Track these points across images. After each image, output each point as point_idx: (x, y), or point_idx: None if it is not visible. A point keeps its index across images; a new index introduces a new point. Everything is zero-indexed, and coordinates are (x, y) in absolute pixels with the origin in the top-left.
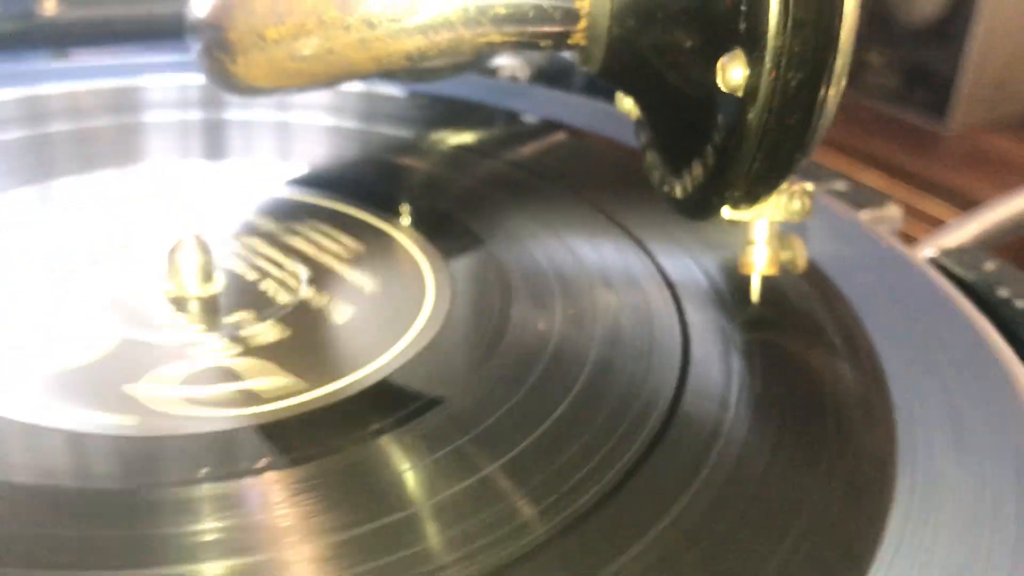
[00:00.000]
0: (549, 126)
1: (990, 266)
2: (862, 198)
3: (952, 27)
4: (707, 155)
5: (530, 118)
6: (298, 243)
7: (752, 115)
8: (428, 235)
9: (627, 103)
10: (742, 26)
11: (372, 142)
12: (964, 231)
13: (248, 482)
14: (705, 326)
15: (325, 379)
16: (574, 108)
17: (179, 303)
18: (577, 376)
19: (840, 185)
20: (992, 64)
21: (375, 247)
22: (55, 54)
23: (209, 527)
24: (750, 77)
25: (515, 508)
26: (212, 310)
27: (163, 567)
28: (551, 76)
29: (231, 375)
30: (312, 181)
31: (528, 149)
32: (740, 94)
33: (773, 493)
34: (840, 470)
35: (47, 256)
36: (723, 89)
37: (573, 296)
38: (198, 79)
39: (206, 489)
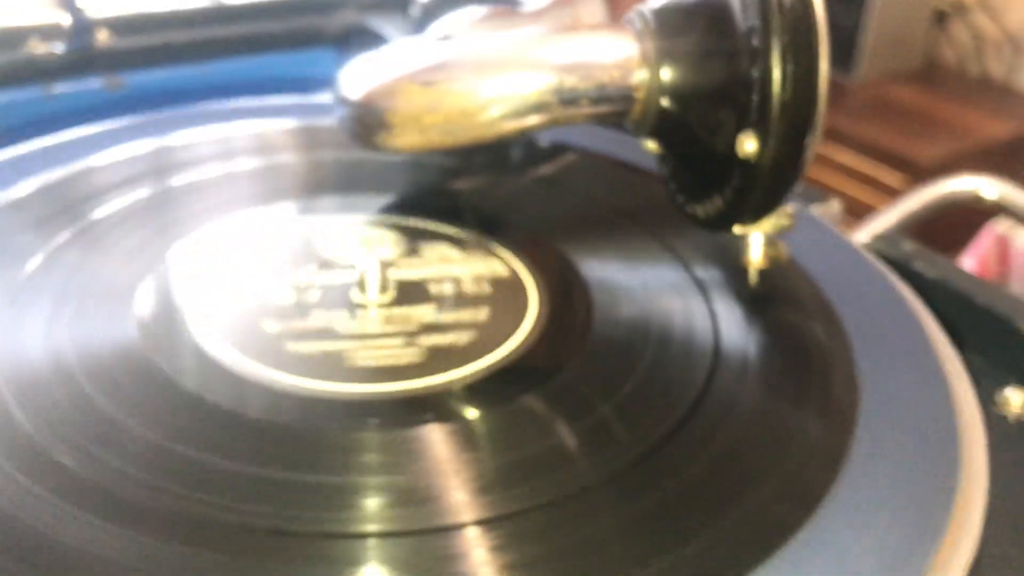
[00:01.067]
0: (562, 148)
1: (907, 247)
2: (809, 195)
3: None
4: (726, 193)
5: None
6: (429, 258)
7: (760, 173)
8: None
9: (651, 144)
10: (754, 116)
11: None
12: (886, 219)
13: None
14: (726, 307)
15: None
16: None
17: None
18: (644, 348)
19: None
20: (892, 19)
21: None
22: (107, 80)
23: None
24: (759, 148)
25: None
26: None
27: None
28: None
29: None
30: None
31: (548, 169)
32: (753, 160)
33: (774, 418)
34: (818, 395)
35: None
36: (740, 156)
37: (635, 294)
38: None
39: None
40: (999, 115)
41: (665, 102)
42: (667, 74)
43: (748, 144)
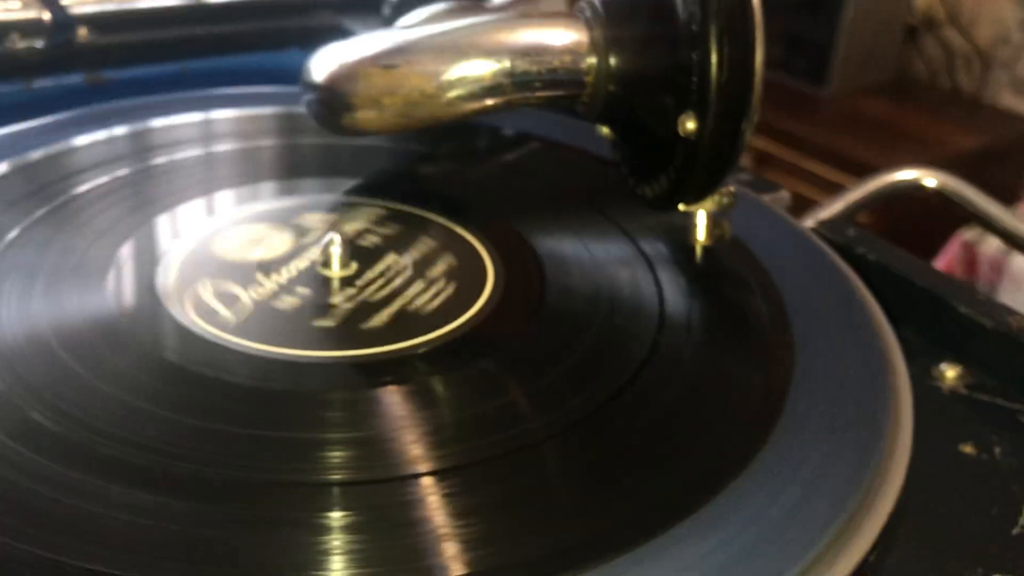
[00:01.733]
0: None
1: (851, 232)
2: (761, 186)
3: None
4: (670, 172)
5: (508, 132)
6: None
7: (700, 152)
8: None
9: (605, 130)
10: (693, 97)
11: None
12: (833, 207)
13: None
14: (671, 280)
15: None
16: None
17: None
18: (593, 318)
19: (744, 176)
20: (864, 33)
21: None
22: (88, 76)
23: None
24: (698, 127)
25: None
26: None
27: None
28: None
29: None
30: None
31: (511, 157)
32: (693, 138)
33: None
34: (756, 361)
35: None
36: (681, 135)
37: (586, 269)
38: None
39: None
40: (969, 128)
41: (613, 86)
42: (614, 60)
43: (688, 123)
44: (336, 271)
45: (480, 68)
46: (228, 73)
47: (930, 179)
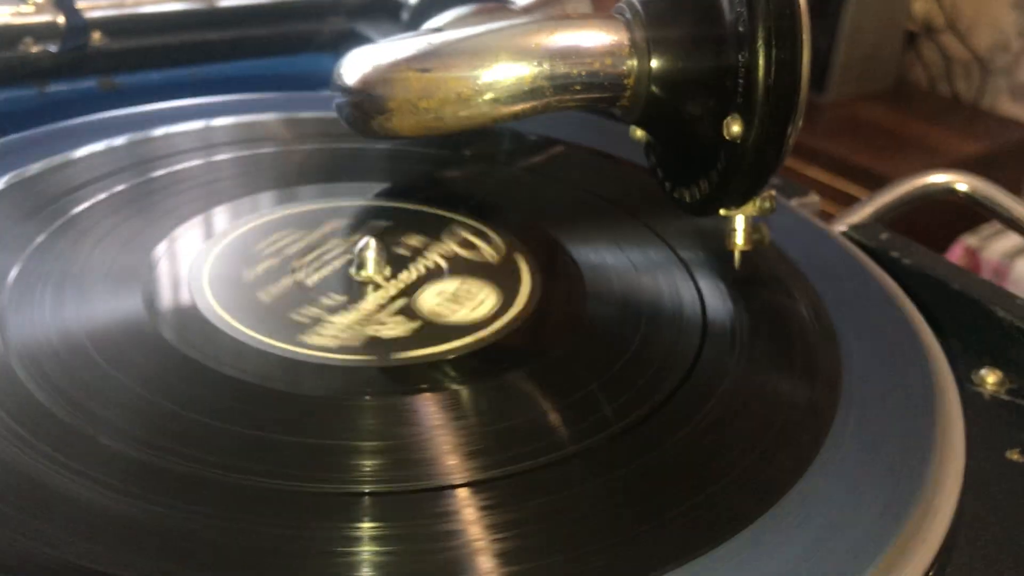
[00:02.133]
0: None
1: (884, 236)
2: (790, 190)
3: (827, 5)
4: (712, 177)
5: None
6: (424, 238)
7: (745, 155)
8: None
9: (639, 133)
10: (739, 100)
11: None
12: (863, 212)
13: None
14: (711, 287)
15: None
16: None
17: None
18: (634, 326)
19: (773, 180)
20: (864, 39)
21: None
22: (101, 81)
23: None
24: (744, 130)
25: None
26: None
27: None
28: None
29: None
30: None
31: (538, 160)
32: (738, 142)
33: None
34: (803, 372)
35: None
36: (726, 138)
37: (623, 274)
38: None
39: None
40: (967, 134)
41: (654, 88)
42: (656, 61)
43: (734, 126)
44: (371, 274)
45: (519, 71)
46: (241, 78)
47: (961, 183)
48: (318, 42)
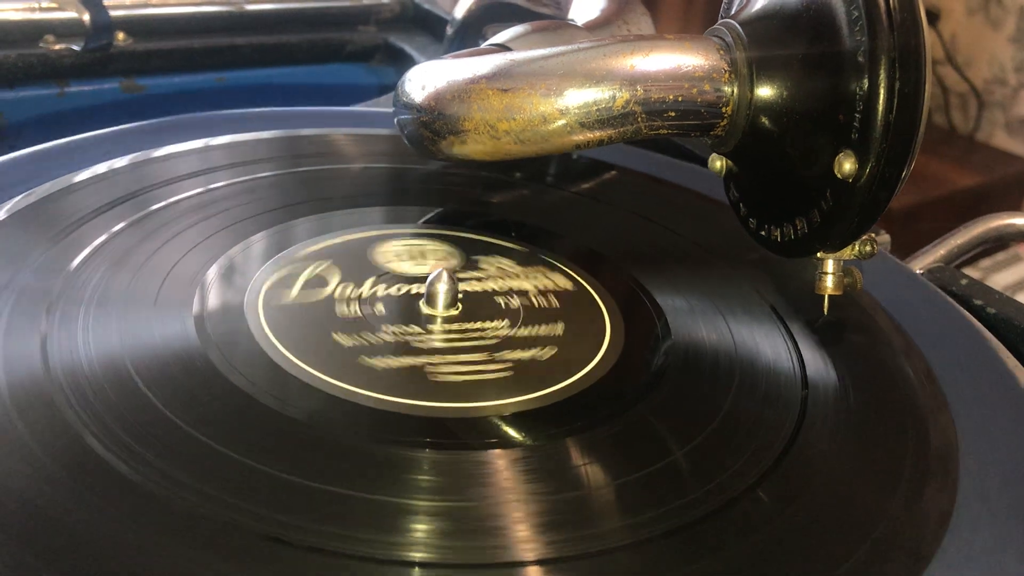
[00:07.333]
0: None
1: (964, 281)
2: None
3: None
4: (813, 217)
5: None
6: (488, 270)
7: (856, 196)
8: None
9: (718, 164)
10: (854, 135)
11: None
12: (935, 252)
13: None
14: (805, 336)
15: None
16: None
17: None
18: (727, 380)
19: None
20: None
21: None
22: (124, 82)
23: None
24: (858, 169)
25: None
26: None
27: None
28: None
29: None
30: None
31: (588, 184)
32: (850, 181)
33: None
34: (917, 444)
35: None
36: (838, 176)
37: (710, 320)
38: None
39: None
40: (964, 166)
41: (755, 118)
42: (759, 89)
43: (846, 164)
44: (440, 311)
45: (610, 93)
46: (267, 87)
47: None
48: (348, 52)
